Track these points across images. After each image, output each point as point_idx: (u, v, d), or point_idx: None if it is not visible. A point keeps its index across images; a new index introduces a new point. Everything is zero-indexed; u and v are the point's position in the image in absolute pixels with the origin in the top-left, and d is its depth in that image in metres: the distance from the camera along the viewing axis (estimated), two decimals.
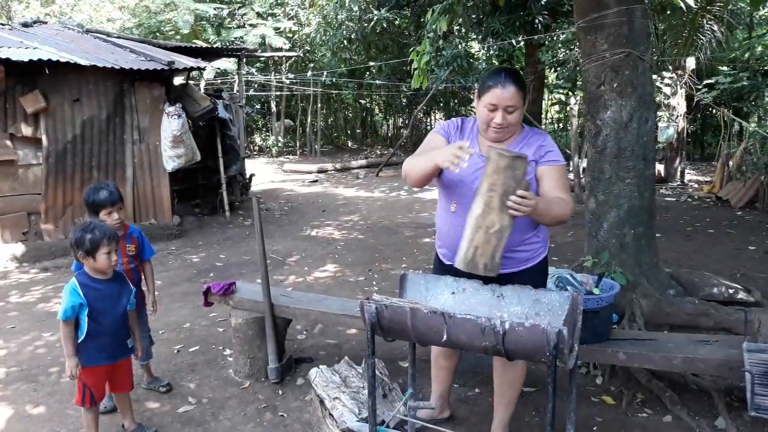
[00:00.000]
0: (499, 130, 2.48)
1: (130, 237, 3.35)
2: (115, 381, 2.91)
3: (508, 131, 2.51)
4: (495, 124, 2.46)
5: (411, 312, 2.19)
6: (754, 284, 4.98)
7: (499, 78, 2.43)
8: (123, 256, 3.24)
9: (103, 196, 3.15)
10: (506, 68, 2.54)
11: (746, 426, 3.01)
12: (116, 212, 3.18)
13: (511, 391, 2.80)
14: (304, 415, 3.23)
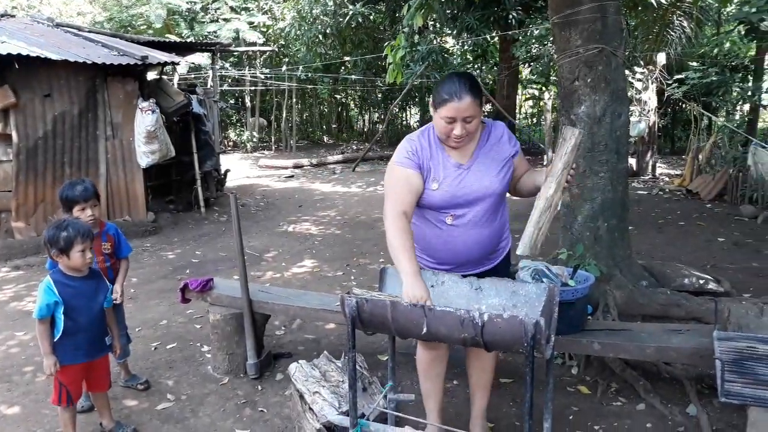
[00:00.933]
0: (459, 141, 2.43)
1: (105, 234, 3.30)
2: (92, 379, 2.89)
3: (469, 138, 2.46)
4: (455, 136, 2.40)
5: (391, 305, 2.21)
6: (724, 274, 5.12)
7: (453, 89, 2.34)
8: (98, 254, 3.21)
9: (78, 191, 3.12)
10: (459, 75, 2.40)
11: (716, 412, 3.10)
12: (90, 209, 3.16)
13: (485, 376, 2.82)
14: (284, 410, 3.24)
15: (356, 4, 13.33)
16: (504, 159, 2.54)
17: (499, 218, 2.61)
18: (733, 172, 8.98)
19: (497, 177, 2.51)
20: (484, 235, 2.55)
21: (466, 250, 2.57)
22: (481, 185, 2.49)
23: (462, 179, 2.50)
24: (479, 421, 2.87)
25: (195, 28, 16.66)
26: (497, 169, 2.52)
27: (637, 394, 3.30)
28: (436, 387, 2.85)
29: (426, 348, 2.78)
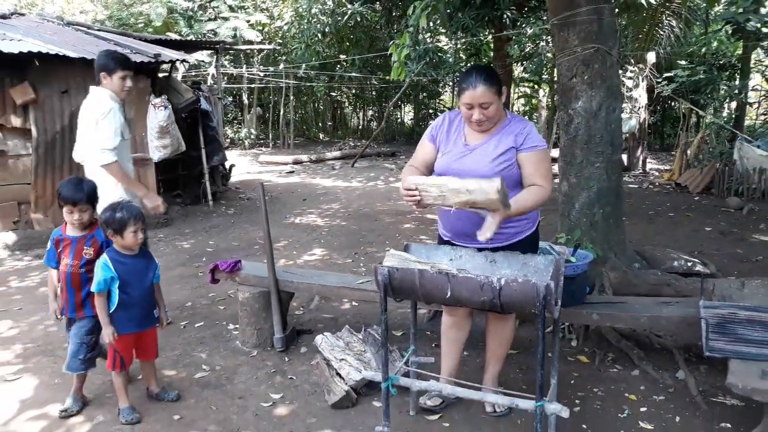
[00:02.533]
0: (480, 124, 2.80)
1: (91, 239, 3.11)
2: (141, 348, 3.19)
3: (489, 123, 2.81)
4: (474, 120, 2.78)
5: (419, 273, 2.53)
6: (710, 260, 5.48)
7: (470, 80, 2.70)
8: (77, 257, 3.06)
9: (66, 193, 3.04)
10: (477, 67, 2.78)
11: (702, 376, 3.45)
12: (77, 213, 3.05)
13: (501, 348, 3.16)
14: (312, 377, 3.54)
15: (354, 3, 13.63)
16: (505, 150, 2.81)
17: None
18: (720, 167, 9.37)
19: (492, 163, 2.80)
20: (473, 213, 2.78)
21: (459, 223, 2.90)
22: (475, 167, 2.81)
23: (462, 157, 2.87)
24: (490, 384, 3.20)
25: (194, 26, 16.89)
26: (495, 156, 2.81)
27: (631, 362, 3.64)
28: (452, 350, 3.20)
29: (448, 313, 3.14)
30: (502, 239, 2.90)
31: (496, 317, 3.06)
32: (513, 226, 2.89)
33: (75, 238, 3.09)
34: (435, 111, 23.54)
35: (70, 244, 3.09)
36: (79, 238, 3.09)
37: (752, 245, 6.37)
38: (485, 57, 20.01)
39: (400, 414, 3.11)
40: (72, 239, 3.09)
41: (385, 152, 16.15)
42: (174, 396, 3.31)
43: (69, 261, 3.07)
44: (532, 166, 2.80)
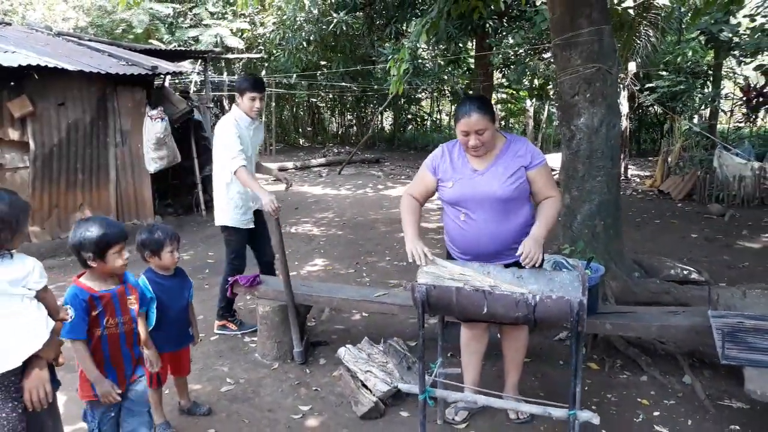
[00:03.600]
0: (476, 150, 2.99)
1: (126, 285, 2.66)
2: (176, 365, 3.27)
3: (485, 148, 2.99)
4: (471, 146, 2.97)
5: (456, 291, 2.67)
6: (700, 266, 5.73)
7: (465, 108, 2.92)
8: (123, 312, 2.60)
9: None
10: (471, 97, 3.02)
11: (707, 380, 3.66)
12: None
13: (518, 355, 3.33)
14: (336, 389, 3.66)
15: (339, 12, 13.75)
16: (515, 169, 3.00)
17: (516, 219, 3.04)
18: (701, 174, 9.70)
19: (505, 183, 2.98)
20: (494, 233, 3.03)
21: (479, 245, 3.07)
22: (490, 189, 2.99)
23: (475, 182, 3.04)
24: (512, 392, 3.35)
25: (176, 34, 16.84)
26: (507, 176, 2.99)
27: (639, 368, 3.83)
28: (473, 362, 3.36)
29: (467, 328, 3.30)
30: (514, 257, 3.02)
31: (510, 330, 3.22)
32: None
33: (114, 292, 2.56)
34: (414, 117, 23.76)
35: (110, 300, 2.55)
36: (118, 290, 2.58)
37: (737, 251, 6.65)
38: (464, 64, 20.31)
39: (428, 423, 3.23)
40: (111, 293, 2.55)
41: (369, 159, 16.26)
42: (205, 410, 3.40)
43: (118, 319, 2.57)
44: (542, 179, 3.04)
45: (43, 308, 2.19)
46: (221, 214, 4.47)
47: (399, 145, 21.27)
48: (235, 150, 4.13)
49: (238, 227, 4.45)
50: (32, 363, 2.14)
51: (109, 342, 2.55)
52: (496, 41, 14.72)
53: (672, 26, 13.48)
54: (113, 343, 2.56)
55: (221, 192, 4.43)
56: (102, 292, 2.52)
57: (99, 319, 2.50)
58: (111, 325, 2.54)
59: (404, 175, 13.91)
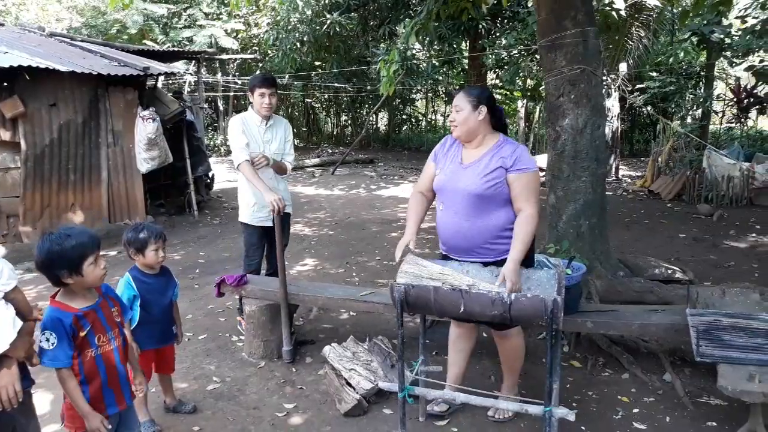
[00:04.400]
0: (452, 125, 3.10)
1: (107, 297, 2.48)
2: (160, 363, 3.30)
3: (460, 129, 3.05)
4: (450, 121, 3.12)
5: (434, 290, 2.71)
6: (686, 266, 5.78)
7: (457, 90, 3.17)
8: (112, 327, 2.43)
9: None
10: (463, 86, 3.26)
11: (687, 378, 3.71)
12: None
13: (510, 360, 3.34)
14: (321, 387, 3.70)
15: (333, 13, 13.81)
16: (494, 169, 2.99)
17: (488, 220, 3.02)
18: (690, 174, 9.77)
19: (481, 180, 2.99)
20: (462, 227, 3.04)
21: (449, 236, 3.12)
22: (465, 183, 3.02)
23: (456, 174, 3.08)
24: (507, 392, 3.38)
25: (170, 34, 16.86)
26: (484, 173, 3.00)
27: (621, 366, 3.88)
28: (458, 360, 3.40)
29: (455, 326, 3.36)
30: (493, 255, 3.06)
31: (498, 337, 3.25)
32: (501, 243, 3.04)
33: (97, 306, 2.37)
34: (409, 117, 23.83)
35: (96, 317, 2.35)
36: (100, 303, 2.40)
37: (724, 251, 6.71)
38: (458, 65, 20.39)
39: (410, 420, 3.28)
40: (95, 308, 2.35)
41: (363, 159, 16.31)
42: (190, 408, 3.43)
43: (109, 335, 2.40)
44: (520, 187, 2.96)
45: (12, 308, 2.13)
46: (240, 211, 4.51)
47: (393, 145, 21.34)
48: (239, 145, 4.14)
49: (249, 223, 4.46)
50: (1, 363, 2.09)
51: (105, 361, 2.36)
52: (489, 42, 14.80)
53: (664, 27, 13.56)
54: (109, 361, 2.38)
55: (240, 188, 4.47)
56: (85, 309, 2.30)
57: (89, 339, 2.30)
58: (104, 342, 2.36)
59: (397, 176, 13.96)
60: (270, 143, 4.35)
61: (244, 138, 4.18)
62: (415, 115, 24.08)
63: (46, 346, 2.23)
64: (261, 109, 4.27)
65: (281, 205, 3.89)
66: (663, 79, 14.30)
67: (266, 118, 4.32)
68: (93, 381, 2.34)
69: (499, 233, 3.03)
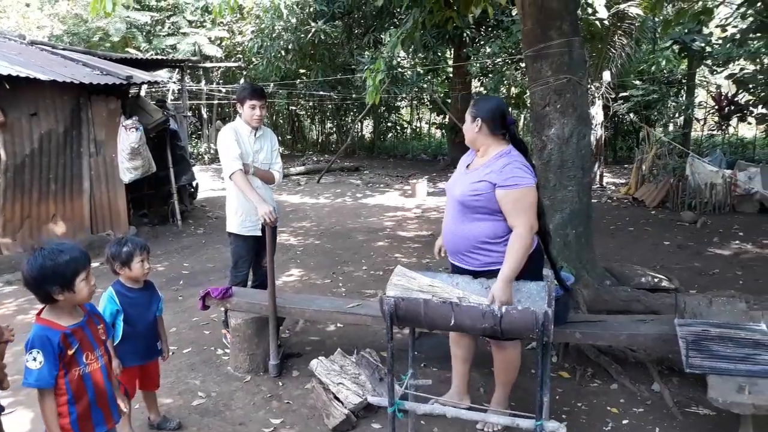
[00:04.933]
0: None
1: (93, 314, 2.47)
2: (144, 379, 3.24)
3: (467, 137, 3.15)
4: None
5: (424, 303, 2.68)
6: (671, 273, 5.81)
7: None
8: (99, 345, 2.40)
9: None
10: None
11: (676, 387, 3.71)
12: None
13: (501, 375, 3.32)
14: (308, 401, 3.65)
15: (318, 21, 13.80)
16: (479, 180, 3.00)
17: (471, 230, 3.04)
18: (674, 181, 9.85)
19: (467, 189, 3.02)
20: (451, 230, 3.15)
21: (444, 236, 3.24)
22: (456, 189, 3.11)
23: (457, 179, 3.18)
24: (497, 405, 3.35)
25: (153, 42, 16.74)
26: (471, 184, 3.02)
27: (609, 377, 3.87)
28: (457, 368, 3.44)
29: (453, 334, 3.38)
30: (474, 264, 3.08)
31: (495, 347, 3.24)
32: (482, 254, 3.05)
33: (83, 324, 2.34)
34: (394, 125, 23.82)
35: (84, 334, 2.33)
36: (87, 320, 2.37)
37: (708, 258, 6.76)
38: (443, 73, 20.43)
39: None
40: (82, 326, 2.33)
41: (348, 167, 16.27)
42: (175, 425, 3.37)
43: (97, 353, 2.37)
44: (508, 203, 2.92)
45: None
46: (228, 221, 4.44)
47: (379, 153, 21.32)
48: (232, 155, 4.10)
49: (238, 233, 4.40)
50: None
51: (93, 380, 2.32)
52: (474, 50, 14.87)
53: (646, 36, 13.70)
54: (97, 379, 2.34)
55: (228, 198, 4.42)
56: (73, 327, 2.27)
57: (77, 357, 2.26)
58: (91, 360, 2.32)
59: (383, 184, 13.93)
60: (259, 153, 4.37)
61: (237, 147, 4.15)
62: (400, 122, 24.09)
63: (33, 366, 2.17)
64: (252, 121, 4.27)
65: (273, 217, 3.87)
66: (645, 87, 14.44)
67: (255, 129, 4.31)
68: (81, 400, 2.30)
69: (480, 244, 3.04)
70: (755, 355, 2.90)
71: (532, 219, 2.92)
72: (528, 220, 2.90)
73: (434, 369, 4.06)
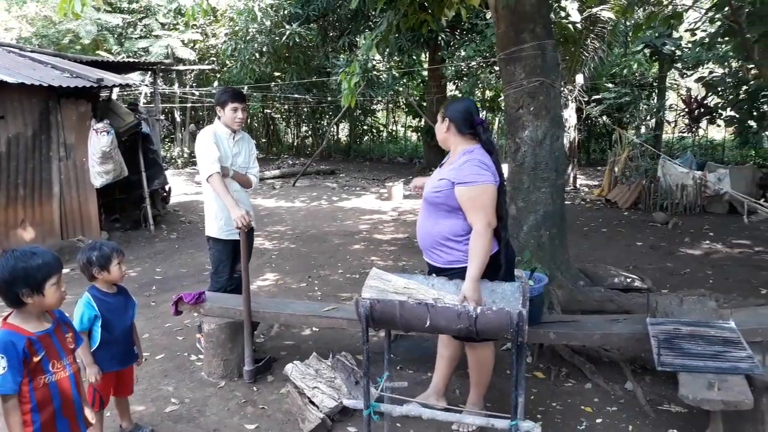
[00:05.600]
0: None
1: (62, 322, 2.39)
2: (119, 385, 3.16)
3: (437, 139, 3.24)
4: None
5: (399, 304, 2.68)
6: (644, 274, 5.89)
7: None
8: (66, 353, 2.33)
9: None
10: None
11: (648, 386, 3.75)
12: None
13: (475, 375, 3.34)
14: (284, 406, 3.61)
15: (293, 23, 13.74)
16: (441, 177, 3.08)
17: (437, 226, 3.10)
18: (646, 183, 10.00)
19: (432, 187, 3.12)
20: (419, 225, 3.25)
21: (417, 232, 3.30)
22: (427, 188, 3.19)
23: (430, 178, 3.24)
24: (472, 406, 3.36)
25: (125, 45, 16.53)
26: (435, 182, 3.11)
27: (584, 376, 3.90)
28: (439, 366, 3.45)
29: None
30: (439, 261, 3.14)
31: (468, 347, 3.26)
32: (446, 252, 3.10)
33: (51, 331, 2.27)
34: (370, 128, 23.84)
35: (51, 342, 2.26)
36: (55, 328, 2.30)
37: (679, 258, 6.87)
38: (418, 76, 20.53)
39: None
40: (49, 333, 2.26)
41: (324, 170, 16.23)
42: None
43: (64, 361, 2.30)
44: (465, 201, 2.98)
45: None
46: (207, 225, 4.38)
47: (355, 156, 21.31)
48: (210, 158, 4.06)
49: (218, 237, 4.34)
50: None
51: (60, 389, 2.25)
52: (448, 54, 14.94)
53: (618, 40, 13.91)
54: (64, 388, 2.27)
55: (206, 201, 4.36)
56: (40, 334, 2.21)
57: (43, 364, 2.20)
58: (58, 369, 2.25)
59: (359, 187, 13.92)
60: (237, 157, 4.34)
61: (216, 150, 4.10)
62: (376, 126, 24.11)
63: None
64: (233, 124, 4.23)
65: (247, 220, 3.84)
66: (618, 90, 14.67)
67: (234, 132, 4.28)
68: (45, 409, 2.23)
69: (443, 240, 3.10)
70: (725, 353, 2.95)
71: (490, 216, 2.94)
72: (485, 217, 2.93)
73: (410, 371, 4.05)
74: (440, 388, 3.45)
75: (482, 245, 2.89)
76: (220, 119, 4.26)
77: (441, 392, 3.46)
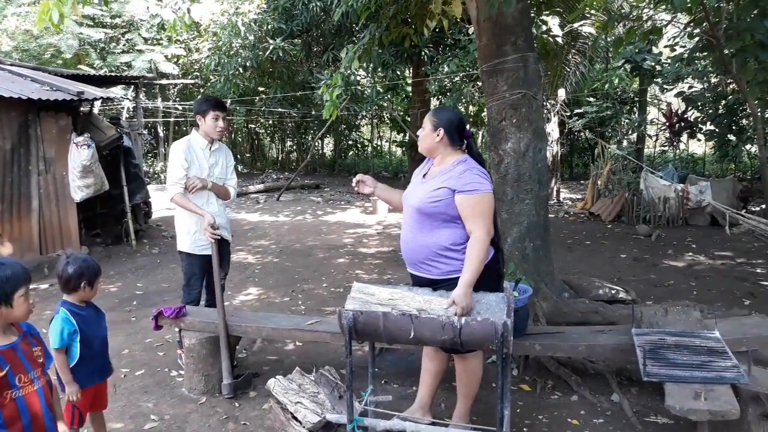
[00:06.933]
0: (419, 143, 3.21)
1: (29, 335, 2.30)
2: (95, 399, 3.08)
3: (422, 144, 3.17)
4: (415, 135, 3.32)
5: (383, 316, 2.64)
6: (628, 285, 5.89)
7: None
8: (34, 366, 2.23)
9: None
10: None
11: (634, 398, 3.73)
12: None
13: (463, 387, 3.28)
14: (266, 422, 3.54)
15: (276, 38, 13.75)
16: (439, 187, 3.01)
17: (430, 238, 3.03)
18: (629, 196, 10.08)
19: (426, 197, 3.03)
20: (408, 238, 3.14)
21: (402, 246, 3.22)
22: (414, 198, 3.11)
23: (413, 188, 3.18)
24: (458, 421, 3.31)
25: (107, 59, 16.43)
26: (430, 191, 3.03)
27: (570, 388, 3.87)
28: (425, 379, 3.38)
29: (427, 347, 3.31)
30: (434, 273, 3.06)
31: (457, 357, 3.21)
32: (443, 263, 3.04)
33: (16, 345, 2.20)
34: (355, 143, 23.85)
35: (16, 356, 2.17)
36: (21, 340, 2.23)
37: (663, 270, 6.90)
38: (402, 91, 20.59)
39: None
40: (14, 347, 2.18)
41: (309, 185, 16.19)
42: None
43: (31, 375, 2.20)
44: (467, 209, 2.95)
45: None
46: (179, 240, 4.33)
47: (340, 170, 21.30)
48: (174, 177, 4.06)
49: (190, 252, 4.28)
50: None
51: (28, 403, 2.16)
52: (432, 69, 15.02)
53: (599, 55, 14.08)
54: (33, 403, 2.18)
55: (176, 217, 4.32)
56: (3, 348, 2.12)
57: (8, 379, 2.10)
58: (26, 383, 2.16)
59: (344, 201, 13.88)
60: (214, 167, 4.29)
61: (182, 169, 4.07)
62: (361, 141, 24.14)
63: None
64: (214, 133, 4.20)
65: (211, 221, 3.90)
66: (600, 104, 14.82)
67: (211, 142, 4.24)
68: (13, 425, 2.13)
69: (440, 251, 3.04)
70: (710, 362, 2.93)
71: (489, 225, 2.94)
72: (486, 225, 2.92)
73: (395, 385, 4.00)
74: (426, 402, 3.40)
75: (480, 251, 2.87)
76: (199, 129, 4.21)
77: (427, 407, 3.41)
